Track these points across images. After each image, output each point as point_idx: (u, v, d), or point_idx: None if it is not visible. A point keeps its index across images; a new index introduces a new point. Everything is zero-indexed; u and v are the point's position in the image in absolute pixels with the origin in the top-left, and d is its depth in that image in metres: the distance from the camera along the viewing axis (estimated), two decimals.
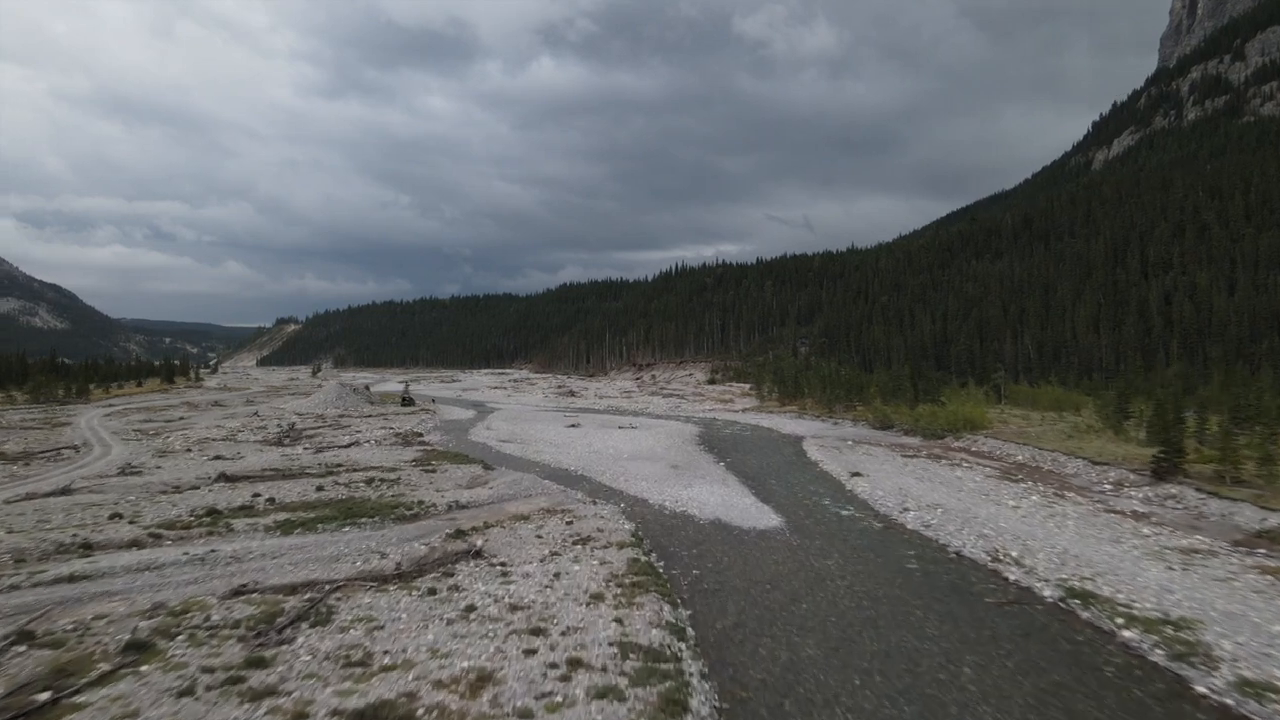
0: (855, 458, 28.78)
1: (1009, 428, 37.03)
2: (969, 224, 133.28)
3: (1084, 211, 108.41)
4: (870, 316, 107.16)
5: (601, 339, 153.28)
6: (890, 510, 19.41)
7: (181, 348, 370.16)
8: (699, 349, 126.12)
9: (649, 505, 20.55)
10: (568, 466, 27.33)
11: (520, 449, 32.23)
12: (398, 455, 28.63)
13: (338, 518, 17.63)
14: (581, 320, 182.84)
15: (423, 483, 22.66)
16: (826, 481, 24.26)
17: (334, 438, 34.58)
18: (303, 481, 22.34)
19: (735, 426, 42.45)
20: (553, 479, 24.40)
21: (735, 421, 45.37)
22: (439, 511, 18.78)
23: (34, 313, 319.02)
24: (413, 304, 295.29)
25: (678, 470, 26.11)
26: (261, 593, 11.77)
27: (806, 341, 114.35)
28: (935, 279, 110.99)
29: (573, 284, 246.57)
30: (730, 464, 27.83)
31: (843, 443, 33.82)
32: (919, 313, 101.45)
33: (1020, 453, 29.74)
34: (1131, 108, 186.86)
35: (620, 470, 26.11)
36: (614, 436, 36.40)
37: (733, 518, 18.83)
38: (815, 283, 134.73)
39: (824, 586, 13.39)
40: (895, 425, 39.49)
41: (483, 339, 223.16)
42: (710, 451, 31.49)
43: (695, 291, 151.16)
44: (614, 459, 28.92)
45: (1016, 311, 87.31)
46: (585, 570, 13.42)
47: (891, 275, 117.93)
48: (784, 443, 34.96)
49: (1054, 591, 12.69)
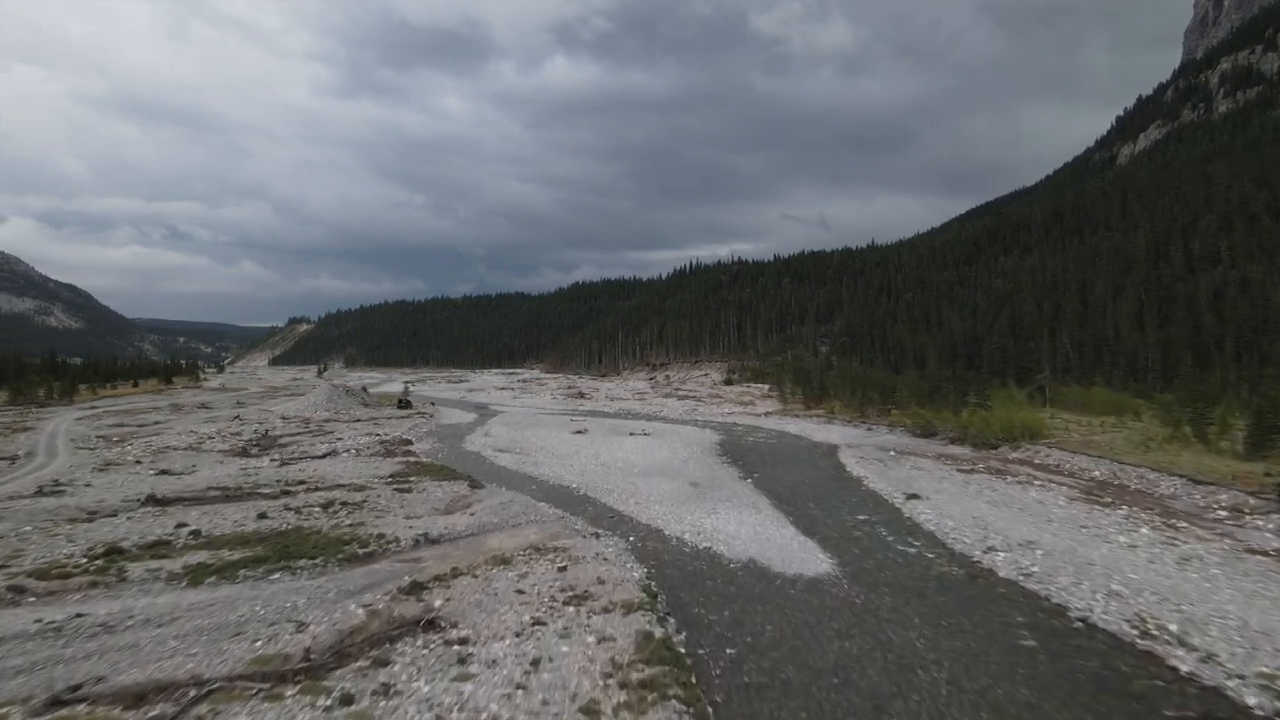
0: (904, 473, 24.71)
1: (1071, 436, 32.79)
2: (995, 219, 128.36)
3: (1119, 204, 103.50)
4: (894, 314, 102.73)
5: (614, 338, 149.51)
6: (969, 548, 15.35)
7: (195, 347, 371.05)
8: (715, 348, 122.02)
9: (664, 538, 16.61)
10: (569, 483, 23.45)
11: (517, 460, 28.39)
12: (374, 469, 24.88)
13: (269, 559, 13.84)
14: (594, 319, 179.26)
15: (392, 507, 18.83)
16: (878, 505, 20.19)
17: (310, 446, 30.93)
18: (247, 505, 18.58)
19: (759, 433, 38.41)
20: (550, 500, 20.53)
21: (758, 427, 41.32)
22: (401, 549, 14.95)
23: (49, 312, 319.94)
24: (424, 303, 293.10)
25: (698, 489, 22.14)
26: (93, 702, 7.97)
27: (827, 340, 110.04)
28: (962, 275, 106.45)
29: (585, 283, 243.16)
30: (759, 481, 23.82)
31: (884, 453, 29.73)
32: (946, 310, 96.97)
33: (1096, 467, 25.54)
34: (1158, 101, 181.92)
35: (630, 489, 22.20)
36: (624, 445, 32.49)
37: (772, 558, 14.86)
38: (834, 280, 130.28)
39: (914, 680, 9.40)
40: (939, 432, 35.34)
41: (494, 338, 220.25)
42: (734, 464, 27.48)
43: (710, 289, 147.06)
44: (623, 473, 25.00)
45: (1051, 309, 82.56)
46: (577, 653, 9.51)
47: (915, 272, 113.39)
48: (817, 453, 30.89)
49: (1261, 699, 8.65)
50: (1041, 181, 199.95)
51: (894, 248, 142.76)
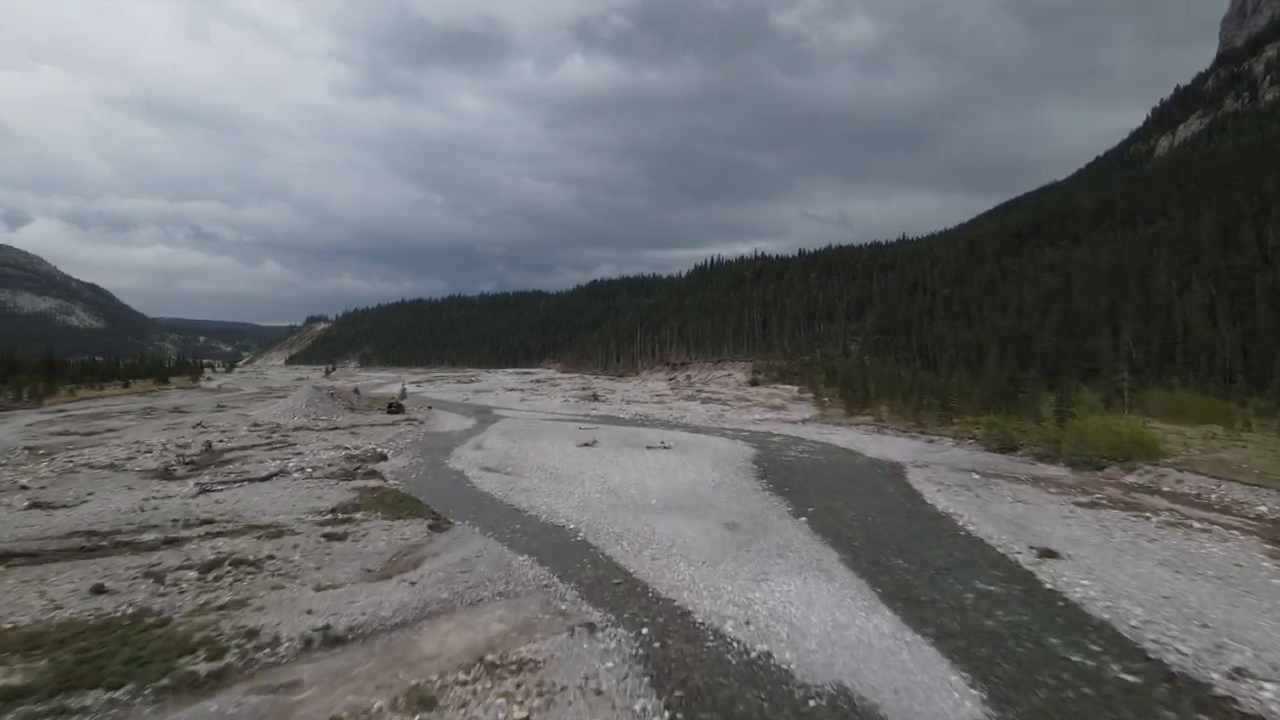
0: (1008, 508, 18.68)
1: (1190, 453, 26.48)
2: (1035, 210, 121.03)
3: (1178, 193, 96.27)
4: (930, 311, 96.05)
5: (632, 337, 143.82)
6: (1195, 665, 9.36)
7: (215, 346, 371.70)
8: (738, 347, 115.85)
9: (695, 632, 10.80)
10: (564, 520, 17.71)
11: (505, 485, 22.71)
12: (317, 499, 19.33)
13: (35, 694, 8.28)
14: (612, 318, 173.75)
15: (305, 568, 13.21)
16: (994, 564, 14.16)
17: (258, 463, 25.46)
18: (97, 566, 13.06)
19: (800, 446, 32.38)
20: (534, 551, 14.83)
21: (798, 438, 35.30)
22: (275, 660, 9.33)
23: (70, 312, 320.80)
24: (441, 302, 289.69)
25: (737, 534, 16.31)
26: None
27: (858, 339, 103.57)
28: (1004, 269, 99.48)
29: (603, 280, 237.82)
30: (816, 518, 17.92)
31: (965, 475, 23.68)
32: (988, 306, 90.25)
33: (1258, 499, 19.36)
34: (1198, 91, 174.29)
35: (645, 532, 16.43)
36: (639, 462, 26.66)
37: (874, 683, 9.01)
38: (863, 275, 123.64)
39: None
40: (1019, 447, 29.14)
41: (510, 337, 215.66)
42: (779, 491, 21.54)
43: (733, 286, 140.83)
44: (636, 507, 19.21)
45: (1107, 303, 75.68)
46: None
47: (952, 266, 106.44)
48: (878, 474, 24.85)
49: None
50: (1074, 175, 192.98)
51: (926, 241, 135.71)
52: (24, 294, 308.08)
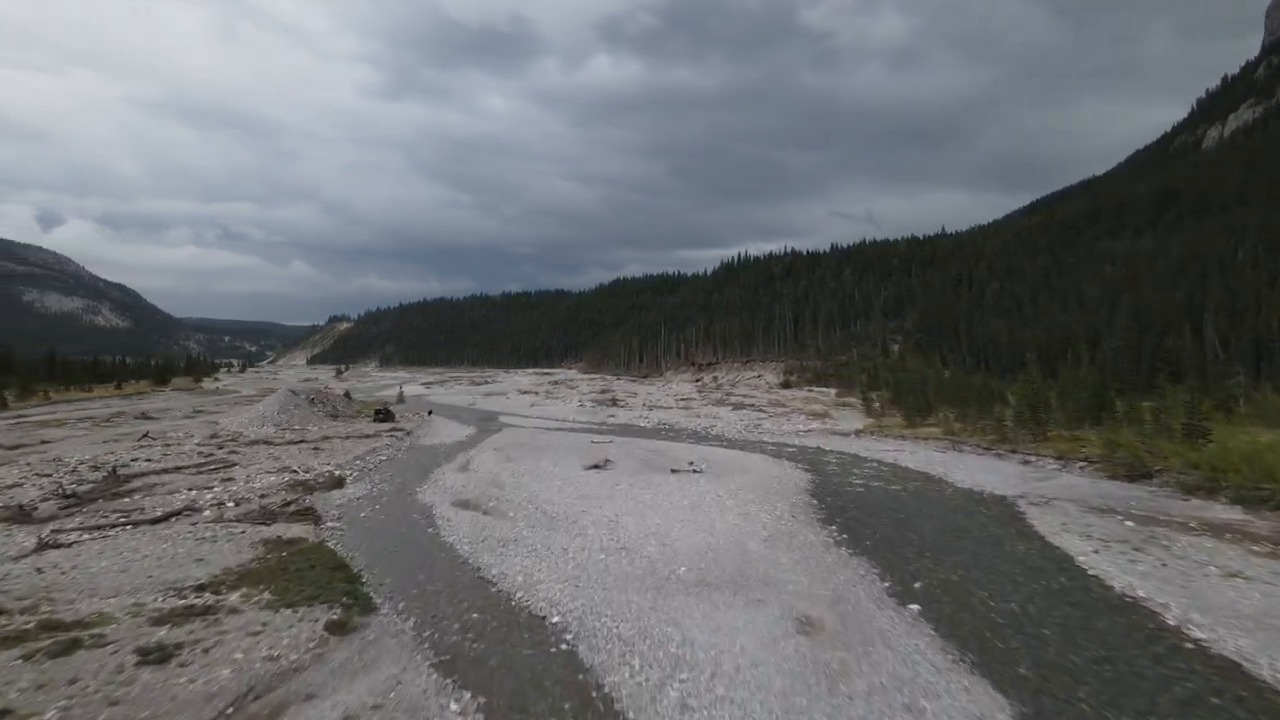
0: (1223, 586, 12.16)
1: None
2: (1090, 199, 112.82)
3: (1250, 179, 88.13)
4: (980, 306, 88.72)
5: (656, 336, 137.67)
6: None
7: (239, 346, 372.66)
8: (768, 347, 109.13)
9: None
10: (546, 606, 11.51)
11: (479, 532, 16.65)
12: (196, 561, 13.45)
13: None
14: (635, 317, 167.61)
15: None
16: None
17: (171, 494, 19.66)
18: None
19: (864, 467, 25.83)
20: (484, 683, 8.76)
21: (856, 456, 28.75)
22: None
23: (97, 311, 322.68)
24: (463, 301, 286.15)
25: (818, 646, 9.99)
26: None
27: (898, 338, 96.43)
28: (1059, 261, 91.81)
29: (626, 279, 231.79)
30: (933, 608, 11.53)
31: (1109, 520, 17.16)
32: (1044, 301, 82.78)
33: None
34: (1248, 80, 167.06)
35: (668, 637, 10.23)
36: (663, 495, 20.37)
37: None
38: (900, 271, 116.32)
39: None
40: (1154, 474, 22.49)
41: (531, 337, 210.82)
42: (861, 549, 15.09)
43: (762, 282, 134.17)
44: (657, 579, 12.94)
45: (1183, 298, 67.80)
46: None
47: (1001, 259, 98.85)
48: (987, 516, 18.36)
49: None
50: (1113, 170, 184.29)
51: (969, 234, 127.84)
52: (51, 294, 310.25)
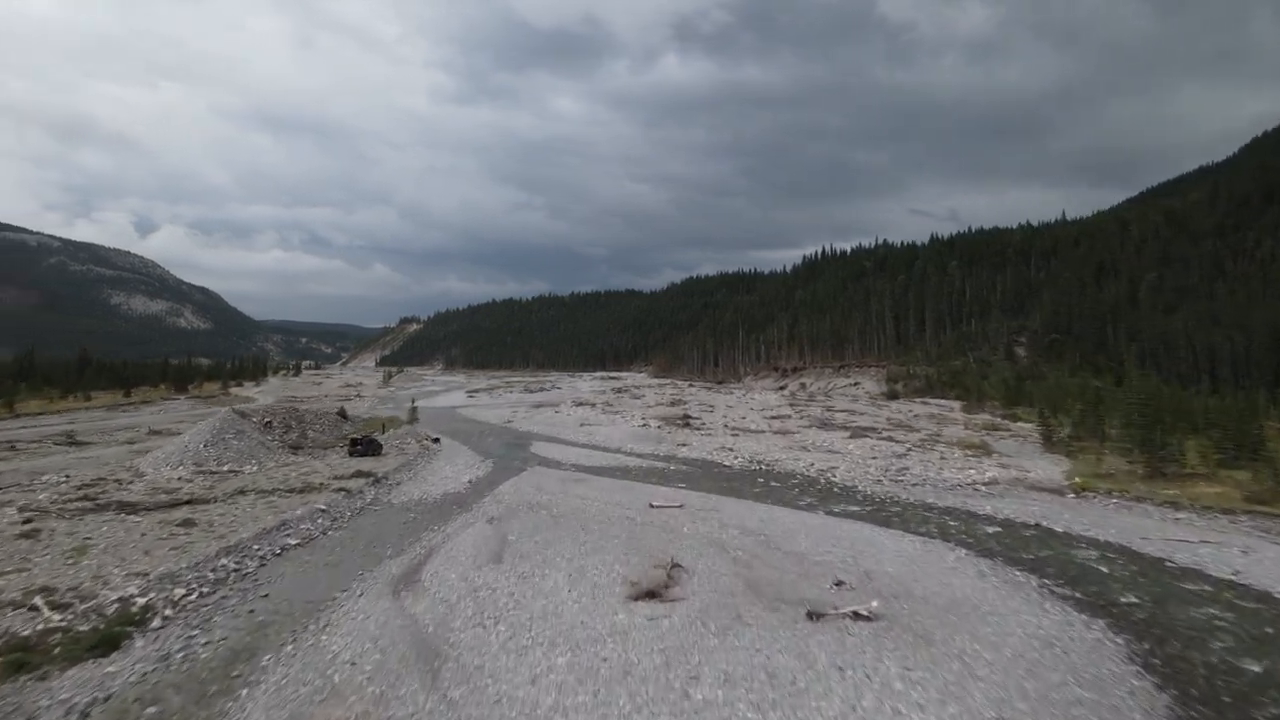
0: None
1: None
2: (1262, 172, 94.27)
3: None
4: (1132, 300, 73.19)
5: (733, 337, 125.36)
6: None
7: (316, 347, 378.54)
8: (864, 348, 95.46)
9: None
10: None
11: None
12: None
13: None
14: (709, 316, 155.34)
15: None
16: None
17: None
18: None
19: (1183, 595, 13.48)
20: None
21: (1131, 551, 15.81)
22: None
23: (180, 314, 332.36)
24: (531, 302, 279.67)
25: None
26: None
27: (1023, 339, 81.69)
28: (1231, 246, 75.08)
29: (699, 277, 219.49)
30: None
31: None
32: (1220, 293, 66.90)
33: None
34: None
35: None
36: None
37: None
38: (1016, 262, 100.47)
39: None
40: None
41: (599, 338, 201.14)
42: None
43: (851, 278, 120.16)
44: None
45: None
46: None
47: (1154, 245, 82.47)
48: None
49: None
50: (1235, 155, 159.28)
51: (1097, 219, 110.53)
52: (138, 297, 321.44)
